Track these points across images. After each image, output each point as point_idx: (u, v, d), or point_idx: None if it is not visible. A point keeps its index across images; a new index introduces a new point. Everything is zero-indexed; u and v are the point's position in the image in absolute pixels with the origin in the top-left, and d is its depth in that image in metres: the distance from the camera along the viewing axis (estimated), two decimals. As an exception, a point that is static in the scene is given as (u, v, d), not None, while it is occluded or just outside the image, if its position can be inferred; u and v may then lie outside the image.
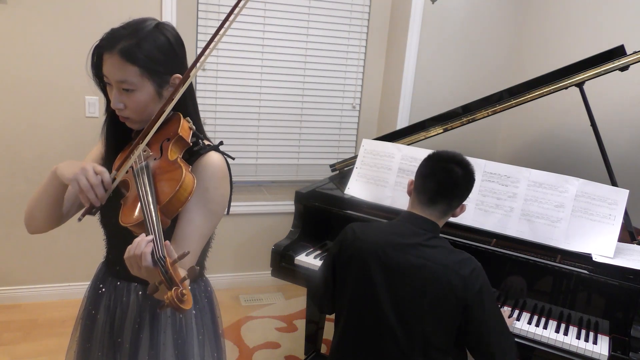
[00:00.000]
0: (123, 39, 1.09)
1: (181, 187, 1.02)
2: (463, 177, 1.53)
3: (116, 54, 1.08)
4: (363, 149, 2.31)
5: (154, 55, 1.11)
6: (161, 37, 1.13)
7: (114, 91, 1.12)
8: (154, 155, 1.13)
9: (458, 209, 1.57)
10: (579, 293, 1.83)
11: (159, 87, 1.14)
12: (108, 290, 1.27)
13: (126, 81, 1.10)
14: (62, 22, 2.61)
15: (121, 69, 1.09)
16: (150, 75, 1.11)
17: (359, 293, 1.53)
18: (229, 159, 1.21)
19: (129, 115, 1.15)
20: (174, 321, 1.23)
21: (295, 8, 3.12)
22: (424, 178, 1.55)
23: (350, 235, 1.57)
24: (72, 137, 2.76)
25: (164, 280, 0.89)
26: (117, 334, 1.23)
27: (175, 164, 1.09)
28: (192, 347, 1.25)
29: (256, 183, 3.32)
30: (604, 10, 2.83)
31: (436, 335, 1.45)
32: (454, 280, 1.41)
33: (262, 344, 2.74)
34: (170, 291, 0.86)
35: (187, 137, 1.14)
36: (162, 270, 0.90)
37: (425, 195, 1.53)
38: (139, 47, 1.09)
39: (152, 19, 1.15)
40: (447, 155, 1.56)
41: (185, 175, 1.04)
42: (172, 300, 0.85)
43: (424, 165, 1.58)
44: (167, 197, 1.02)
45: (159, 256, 0.92)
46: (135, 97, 1.12)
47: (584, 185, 1.90)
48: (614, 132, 2.62)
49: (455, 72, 3.35)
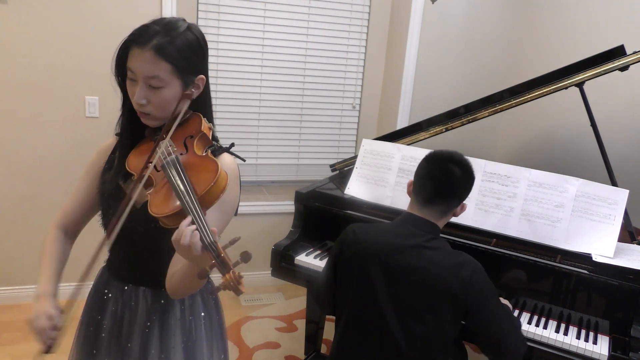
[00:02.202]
0: (157, 35, 1.08)
1: (217, 182, 1.02)
2: (461, 177, 1.52)
3: (150, 50, 1.07)
4: (363, 149, 2.31)
5: (186, 54, 1.11)
6: (193, 37, 1.13)
7: (140, 86, 1.10)
8: (179, 150, 1.12)
9: (458, 208, 1.57)
10: (579, 293, 1.83)
11: (185, 86, 1.14)
12: (114, 295, 1.26)
13: (157, 77, 1.09)
14: (62, 22, 2.61)
15: (153, 65, 1.08)
16: (180, 74, 1.12)
17: (359, 294, 1.53)
18: (238, 161, 1.21)
19: (150, 112, 1.13)
20: (184, 324, 1.23)
21: (295, 8, 3.12)
22: (421, 179, 1.55)
23: (350, 236, 1.57)
24: (72, 137, 2.75)
25: (217, 264, 0.90)
26: (126, 340, 1.22)
27: (206, 158, 1.09)
28: (202, 349, 1.25)
29: (256, 183, 3.32)
30: (604, 10, 2.83)
31: (436, 336, 1.45)
32: (454, 283, 1.41)
33: (262, 344, 2.73)
34: (229, 273, 0.88)
35: (209, 135, 1.15)
36: (214, 255, 0.91)
37: (423, 196, 1.53)
38: (173, 44, 1.09)
39: (182, 20, 1.16)
40: (444, 155, 1.55)
41: (221, 170, 1.03)
42: (231, 282, 0.87)
43: (422, 165, 1.57)
44: (204, 188, 1.01)
45: (210, 241, 0.92)
46: (161, 93, 1.11)
47: (584, 185, 1.90)
48: (614, 132, 2.62)
49: (455, 72, 3.35)
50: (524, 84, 2.24)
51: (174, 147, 1.12)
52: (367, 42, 3.34)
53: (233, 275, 0.88)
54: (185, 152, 1.12)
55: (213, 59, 3.00)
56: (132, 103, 1.14)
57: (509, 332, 1.48)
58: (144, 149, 1.18)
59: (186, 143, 1.13)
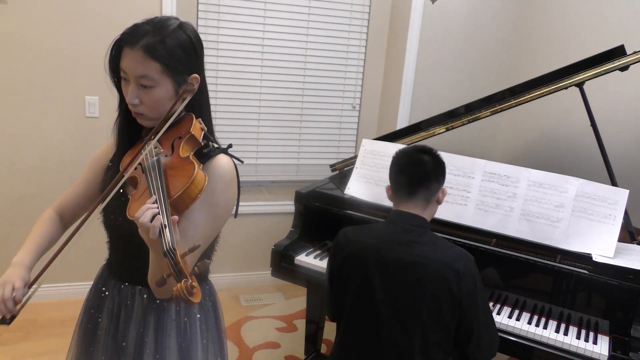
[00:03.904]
0: (147, 35, 1.08)
1: (192, 183, 1.02)
2: (432, 163, 1.56)
3: (139, 49, 1.07)
4: (363, 149, 2.31)
5: (177, 53, 1.10)
6: (184, 36, 1.12)
7: (132, 86, 1.11)
8: (165, 152, 1.12)
9: (440, 193, 1.59)
10: (579, 293, 1.83)
11: (177, 86, 1.13)
12: (111, 293, 1.26)
13: (147, 77, 1.09)
14: (62, 22, 2.61)
15: (143, 64, 1.08)
16: (171, 73, 1.11)
17: (357, 295, 1.53)
18: (237, 162, 1.20)
19: (143, 112, 1.14)
20: (179, 325, 1.23)
21: (295, 8, 3.12)
22: (395, 175, 1.60)
23: (342, 239, 1.59)
24: (72, 137, 2.76)
25: (173, 273, 0.89)
26: (122, 338, 1.22)
27: (187, 160, 1.09)
28: (197, 350, 1.25)
29: (256, 183, 3.32)
30: (604, 10, 2.83)
31: (434, 332, 1.45)
32: (448, 275, 1.42)
33: (262, 344, 2.74)
34: (180, 283, 0.85)
35: (198, 137, 1.14)
36: (171, 262, 0.90)
37: (403, 191, 1.57)
38: (162, 44, 1.08)
39: (175, 18, 1.15)
40: (410, 149, 1.62)
41: (197, 171, 1.03)
42: (182, 292, 0.84)
43: (392, 164, 1.62)
44: (178, 191, 1.01)
45: (169, 248, 0.92)
46: (153, 93, 1.11)
47: (584, 185, 1.90)
48: (614, 132, 2.62)
49: (455, 72, 3.35)
50: (524, 84, 2.24)
51: (160, 149, 1.12)
52: (367, 42, 3.34)
53: (185, 284, 0.85)
54: (171, 154, 1.12)
55: (213, 59, 3.00)
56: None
57: (489, 330, 1.51)
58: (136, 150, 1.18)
59: (174, 144, 1.13)
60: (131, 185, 1.13)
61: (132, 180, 1.12)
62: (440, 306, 1.43)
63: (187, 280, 0.87)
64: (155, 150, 1.12)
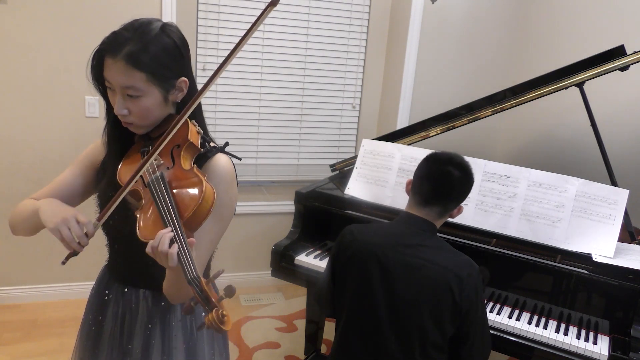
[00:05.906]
0: (128, 43, 1.03)
1: (203, 200, 0.98)
2: (459, 180, 1.52)
3: (121, 60, 1.03)
4: (363, 149, 2.31)
5: (161, 59, 1.06)
6: (167, 39, 1.08)
7: (118, 97, 1.07)
8: (166, 164, 1.09)
9: (455, 210, 1.56)
10: (579, 293, 1.83)
11: (165, 92, 1.10)
12: (115, 296, 1.25)
13: (132, 87, 1.05)
14: (62, 22, 2.61)
15: (127, 75, 1.03)
16: (157, 81, 1.07)
17: (358, 293, 1.53)
18: (235, 160, 1.19)
19: (133, 121, 1.10)
20: (185, 325, 1.23)
21: (295, 8, 3.12)
22: (420, 179, 1.55)
23: (348, 236, 1.58)
24: (72, 137, 2.76)
25: (200, 301, 0.89)
26: (128, 341, 1.22)
27: (191, 173, 1.05)
28: (203, 350, 1.25)
29: (256, 183, 3.31)
30: (604, 10, 2.83)
31: (434, 334, 1.45)
32: (452, 282, 1.41)
33: (262, 344, 2.74)
34: (211, 313, 0.86)
35: (197, 143, 1.11)
36: (197, 290, 0.90)
37: (421, 197, 1.53)
38: (145, 51, 1.04)
39: (156, 20, 1.10)
40: (444, 157, 1.54)
41: (206, 187, 1.00)
42: (214, 322, 0.85)
43: (421, 166, 1.57)
44: (189, 211, 0.98)
45: (193, 276, 0.91)
46: (141, 102, 1.07)
47: (583, 185, 1.90)
48: (614, 132, 2.62)
49: (455, 72, 3.35)
50: (524, 84, 2.24)
51: (160, 160, 1.09)
52: (367, 42, 3.34)
53: (216, 314, 0.86)
54: (172, 166, 1.09)
55: (213, 59, 3.00)
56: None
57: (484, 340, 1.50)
58: (133, 159, 1.15)
59: (173, 154, 1.10)
60: (133, 197, 1.10)
61: (134, 193, 1.08)
62: (442, 310, 1.43)
63: (218, 309, 0.87)
64: (155, 162, 1.08)
